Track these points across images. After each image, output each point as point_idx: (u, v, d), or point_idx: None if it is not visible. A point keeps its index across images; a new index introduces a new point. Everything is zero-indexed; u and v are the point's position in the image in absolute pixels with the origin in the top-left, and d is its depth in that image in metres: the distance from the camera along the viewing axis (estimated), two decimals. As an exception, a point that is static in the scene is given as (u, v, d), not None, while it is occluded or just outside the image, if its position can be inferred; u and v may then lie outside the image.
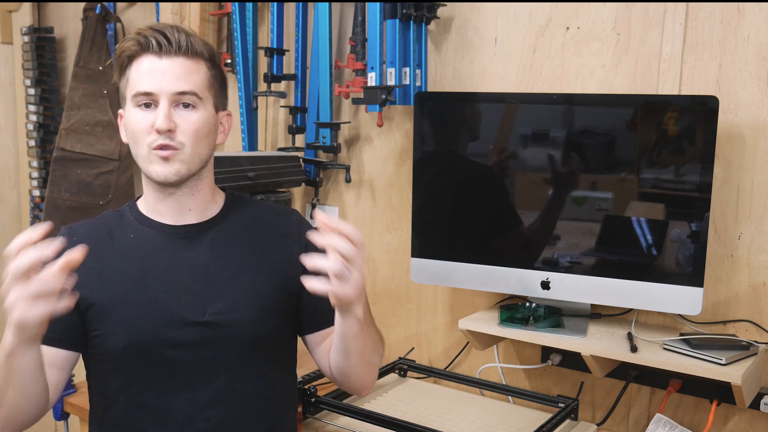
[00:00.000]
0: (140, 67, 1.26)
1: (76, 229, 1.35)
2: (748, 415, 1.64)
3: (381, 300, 2.20)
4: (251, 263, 1.34)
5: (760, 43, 1.57)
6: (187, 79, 1.25)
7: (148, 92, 1.24)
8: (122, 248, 1.32)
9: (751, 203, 1.61)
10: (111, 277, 1.29)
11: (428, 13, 1.93)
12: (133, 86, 1.26)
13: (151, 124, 1.24)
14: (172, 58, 1.25)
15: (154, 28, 1.26)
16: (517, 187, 1.76)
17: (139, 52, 1.26)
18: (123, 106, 1.31)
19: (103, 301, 1.28)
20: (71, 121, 2.56)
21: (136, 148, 1.28)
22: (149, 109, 1.25)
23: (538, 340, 1.67)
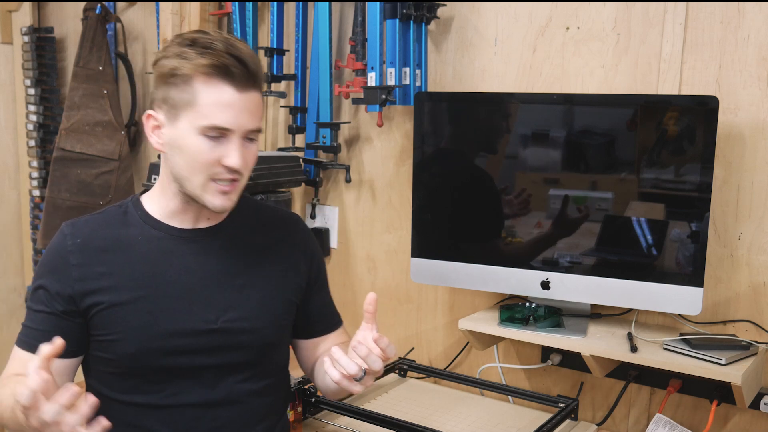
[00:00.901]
0: (214, 96, 1.17)
1: (79, 227, 1.30)
2: (748, 415, 1.64)
3: (381, 300, 2.19)
4: (261, 272, 1.35)
5: (760, 43, 1.56)
6: (258, 116, 1.23)
7: (227, 129, 1.19)
8: (130, 251, 1.28)
9: (751, 203, 1.61)
10: (120, 282, 1.26)
11: (428, 13, 1.93)
12: (206, 116, 1.17)
13: (218, 157, 1.20)
14: (249, 92, 1.20)
15: (233, 53, 1.17)
16: (517, 187, 1.76)
17: (212, 76, 1.17)
18: (168, 118, 1.22)
19: (113, 306, 1.25)
20: (71, 121, 2.56)
21: (191, 175, 1.22)
22: (216, 138, 1.19)
23: (538, 340, 1.67)
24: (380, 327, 1.38)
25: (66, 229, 1.30)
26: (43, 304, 1.26)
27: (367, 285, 2.22)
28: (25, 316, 1.30)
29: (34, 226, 2.91)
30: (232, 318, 1.30)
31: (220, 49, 1.17)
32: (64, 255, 1.27)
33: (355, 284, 2.24)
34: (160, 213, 1.31)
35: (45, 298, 1.26)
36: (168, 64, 1.19)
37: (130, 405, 1.28)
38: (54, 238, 1.31)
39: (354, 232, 2.24)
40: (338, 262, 2.28)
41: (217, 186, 1.22)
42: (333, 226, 2.27)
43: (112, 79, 2.59)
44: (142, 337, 1.25)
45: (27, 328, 1.28)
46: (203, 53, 1.17)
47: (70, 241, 1.27)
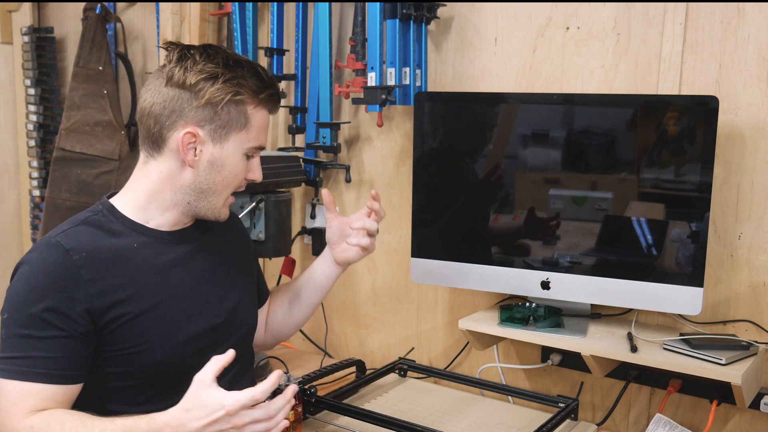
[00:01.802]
0: (262, 120, 1.31)
1: (77, 240, 1.22)
2: (748, 415, 1.64)
3: (381, 300, 2.20)
4: (233, 259, 1.44)
5: (760, 43, 1.57)
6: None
7: (263, 148, 1.34)
8: (133, 259, 1.26)
9: (751, 203, 1.61)
10: (136, 291, 1.23)
11: (428, 13, 1.93)
12: (255, 138, 1.30)
13: (246, 173, 1.32)
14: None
15: (272, 82, 1.31)
16: (517, 187, 1.76)
17: (267, 104, 1.31)
18: (213, 138, 1.26)
19: (136, 317, 1.23)
20: (71, 121, 2.56)
21: (224, 189, 1.31)
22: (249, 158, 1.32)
23: (538, 340, 1.67)
24: (380, 327, 1.42)
25: (63, 242, 1.21)
26: (55, 327, 1.17)
27: (367, 285, 2.22)
28: (18, 345, 1.17)
29: (34, 226, 2.91)
30: (229, 307, 1.38)
31: (266, 77, 1.29)
32: (73, 271, 1.19)
33: (355, 284, 2.24)
34: (141, 218, 1.31)
35: (58, 321, 1.17)
36: (221, 89, 1.23)
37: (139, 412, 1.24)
38: (47, 254, 1.20)
39: (354, 232, 2.23)
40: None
41: (230, 199, 1.35)
42: (333, 226, 2.27)
43: (112, 79, 2.59)
44: (168, 343, 1.26)
45: (35, 359, 1.16)
46: (258, 80, 1.28)
47: (76, 255, 1.20)
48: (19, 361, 1.16)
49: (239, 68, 1.26)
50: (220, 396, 1.11)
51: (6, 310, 1.19)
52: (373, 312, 2.22)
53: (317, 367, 1.96)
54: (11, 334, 1.17)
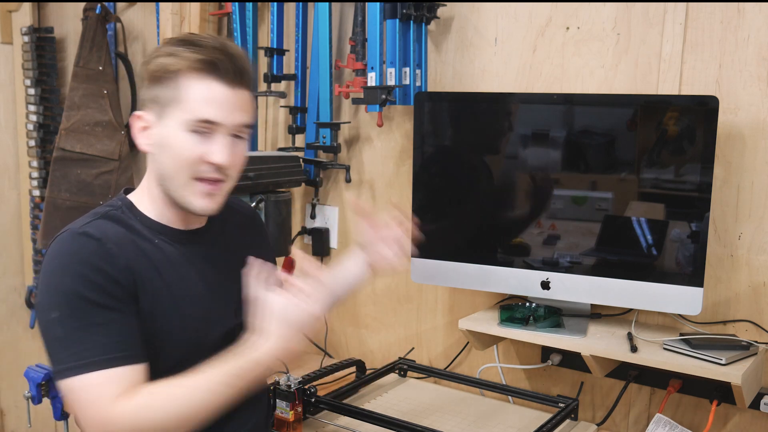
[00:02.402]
0: (203, 92, 1.17)
1: (107, 235, 1.19)
2: (748, 415, 1.64)
3: (381, 300, 2.20)
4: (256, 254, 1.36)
5: (760, 43, 1.56)
6: (249, 112, 1.22)
7: (215, 122, 1.17)
8: (155, 257, 1.23)
9: (751, 203, 1.61)
10: (159, 290, 1.21)
11: (428, 13, 1.93)
12: (194, 110, 1.16)
13: (202, 154, 1.18)
14: (238, 88, 1.19)
15: (222, 50, 1.17)
16: (517, 187, 1.76)
17: (201, 72, 1.17)
18: (155, 117, 1.20)
19: (156, 315, 1.20)
20: (71, 121, 2.56)
21: (174, 173, 1.20)
22: (202, 135, 1.18)
23: (538, 340, 1.67)
24: (380, 327, 1.41)
25: (92, 231, 1.18)
26: (111, 309, 1.13)
27: (367, 285, 2.22)
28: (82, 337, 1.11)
29: (34, 226, 2.91)
30: (245, 310, 1.31)
31: (209, 45, 1.17)
32: (108, 257, 1.15)
33: (355, 284, 2.24)
34: (156, 215, 1.28)
35: (111, 302, 1.14)
36: (157, 63, 1.19)
37: None
38: (78, 244, 1.16)
39: (354, 232, 2.24)
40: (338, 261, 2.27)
41: (201, 186, 1.20)
42: (333, 226, 2.27)
43: (112, 79, 2.59)
44: (185, 345, 1.23)
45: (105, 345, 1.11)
46: (193, 50, 1.17)
47: (109, 243, 1.17)
48: (89, 352, 1.11)
49: (186, 44, 1.18)
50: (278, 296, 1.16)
51: (54, 309, 1.13)
52: (373, 312, 2.22)
53: (317, 367, 1.96)
54: (70, 329, 1.12)
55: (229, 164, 1.21)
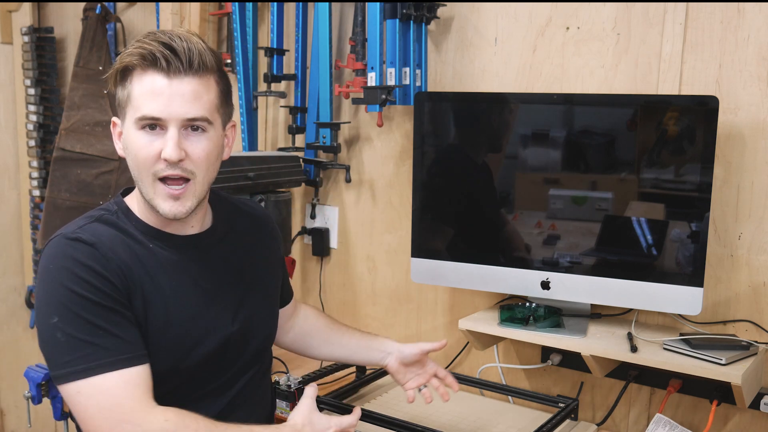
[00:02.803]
0: (145, 86, 1.13)
1: (100, 239, 1.17)
2: (748, 415, 1.64)
3: (381, 300, 2.20)
4: (255, 266, 1.37)
5: (760, 43, 1.56)
6: (198, 103, 1.15)
7: (156, 118, 1.13)
8: (148, 262, 1.21)
9: (751, 203, 1.61)
10: (151, 294, 1.19)
11: (428, 13, 1.93)
12: (138, 107, 1.14)
13: (158, 151, 1.14)
14: (182, 78, 1.13)
15: (161, 41, 1.13)
16: (517, 187, 1.76)
17: (144, 67, 1.14)
18: (121, 119, 1.19)
19: (148, 319, 1.18)
20: (71, 121, 2.56)
21: (139, 174, 1.17)
22: (155, 132, 1.14)
23: (538, 340, 1.67)
24: (380, 327, 1.42)
25: (84, 237, 1.16)
26: (112, 311, 1.13)
27: (367, 285, 2.22)
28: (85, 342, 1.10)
29: (34, 226, 2.91)
30: (245, 317, 1.31)
31: (150, 39, 1.14)
32: (103, 260, 1.15)
33: (355, 284, 2.24)
34: (150, 220, 1.25)
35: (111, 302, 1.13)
36: (113, 65, 1.18)
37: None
38: (72, 248, 1.15)
39: (354, 232, 2.24)
40: (338, 262, 2.28)
41: (164, 188, 1.16)
42: (333, 226, 2.27)
43: (109, 82, 2.59)
44: (175, 352, 1.21)
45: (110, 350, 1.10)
46: (136, 46, 1.14)
47: (102, 248, 1.16)
48: (97, 355, 1.10)
49: (135, 42, 1.16)
50: (327, 418, 1.28)
51: (53, 313, 1.12)
52: (373, 312, 2.22)
53: (317, 367, 1.96)
54: (73, 333, 1.10)
55: (185, 159, 1.15)
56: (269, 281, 1.41)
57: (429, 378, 1.53)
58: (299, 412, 1.27)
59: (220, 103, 1.21)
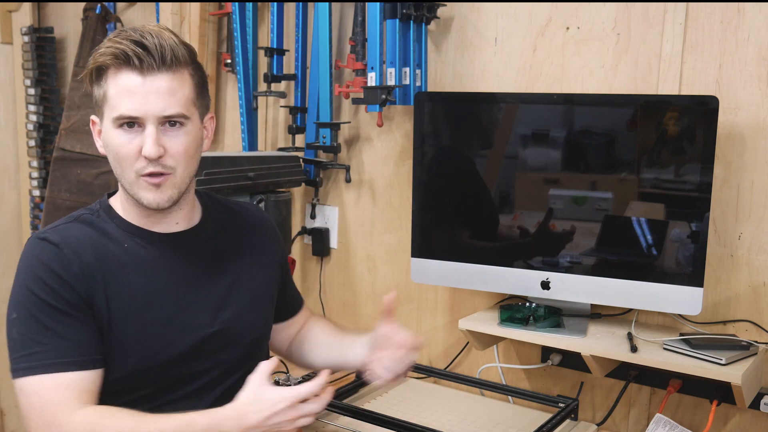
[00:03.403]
0: (120, 85, 1.15)
1: (67, 240, 1.19)
2: (748, 415, 1.64)
3: (381, 300, 2.19)
4: (245, 267, 1.34)
5: (760, 43, 1.56)
6: (173, 99, 1.16)
7: (133, 117, 1.14)
8: (120, 260, 1.21)
9: (751, 203, 1.61)
10: (117, 294, 1.19)
11: (428, 13, 1.93)
12: (114, 107, 1.15)
13: (138, 149, 1.15)
14: (155, 74, 1.14)
15: (132, 39, 1.14)
16: (517, 187, 1.76)
17: (118, 66, 1.15)
18: (99, 118, 1.21)
19: (113, 320, 1.18)
20: (71, 121, 2.56)
21: (121, 171, 1.19)
22: (132, 129, 1.16)
23: (538, 340, 1.67)
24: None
25: (51, 237, 1.19)
26: (64, 314, 1.15)
27: (367, 285, 2.22)
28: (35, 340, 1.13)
29: (34, 226, 2.91)
30: (226, 318, 1.29)
31: (122, 37, 1.15)
32: (65, 262, 1.17)
33: (355, 284, 2.24)
34: (133, 218, 1.26)
35: (65, 306, 1.15)
36: (89, 68, 1.20)
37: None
38: (38, 249, 1.18)
39: (354, 232, 2.24)
40: (338, 262, 2.28)
41: (147, 179, 1.17)
42: (333, 226, 2.27)
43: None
44: (144, 351, 1.20)
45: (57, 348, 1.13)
46: (107, 45, 1.16)
47: (66, 249, 1.18)
48: (41, 355, 1.13)
49: (107, 40, 1.18)
50: (279, 390, 1.17)
51: (13, 310, 1.17)
52: (373, 312, 2.22)
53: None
54: (26, 330, 1.14)
55: (164, 155, 1.16)
56: (261, 285, 1.37)
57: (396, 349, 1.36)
58: (246, 390, 1.18)
59: (196, 96, 1.21)
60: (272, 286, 1.43)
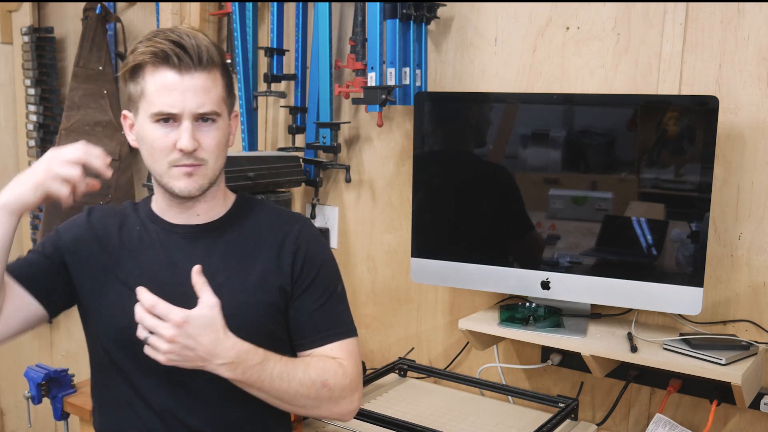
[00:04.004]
0: (157, 82, 1.22)
1: (96, 210, 1.38)
2: (748, 415, 1.64)
3: (381, 300, 2.20)
4: (241, 273, 1.30)
5: (760, 43, 1.56)
6: (207, 97, 1.23)
7: (171, 113, 1.22)
8: (125, 240, 1.33)
9: (751, 203, 1.61)
10: (108, 264, 1.30)
11: (428, 13, 1.93)
12: (152, 103, 1.22)
13: (173, 142, 1.22)
14: (192, 73, 1.22)
15: (170, 39, 1.22)
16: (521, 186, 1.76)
17: (156, 64, 1.22)
18: (134, 113, 1.28)
19: (96, 284, 1.30)
20: (71, 121, 2.56)
21: (154, 163, 1.26)
22: (168, 124, 1.23)
23: (538, 340, 1.67)
24: (380, 327, 1.40)
25: (86, 208, 1.39)
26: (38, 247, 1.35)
27: (367, 285, 2.22)
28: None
29: (34, 226, 2.91)
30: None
31: (161, 37, 1.22)
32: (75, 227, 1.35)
33: (355, 284, 2.24)
34: (157, 207, 1.36)
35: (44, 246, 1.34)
36: (127, 61, 1.26)
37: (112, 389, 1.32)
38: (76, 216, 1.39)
39: (354, 232, 2.24)
40: (338, 262, 2.25)
41: (179, 169, 1.24)
42: (333, 226, 2.27)
43: (112, 79, 2.59)
44: (118, 318, 1.24)
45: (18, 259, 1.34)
46: (148, 44, 1.23)
47: (85, 216, 1.36)
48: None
49: (146, 39, 1.24)
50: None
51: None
52: (373, 312, 2.22)
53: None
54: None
55: (198, 148, 1.23)
56: (260, 286, 1.30)
57: None
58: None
59: (226, 94, 1.29)
60: (272, 297, 1.31)
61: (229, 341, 1.16)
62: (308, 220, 1.41)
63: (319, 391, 1.25)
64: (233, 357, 1.16)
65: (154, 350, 1.14)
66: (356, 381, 1.30)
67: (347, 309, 1.38)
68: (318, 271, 1.34)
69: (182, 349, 1.13)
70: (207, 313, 1.14)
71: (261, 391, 1.21)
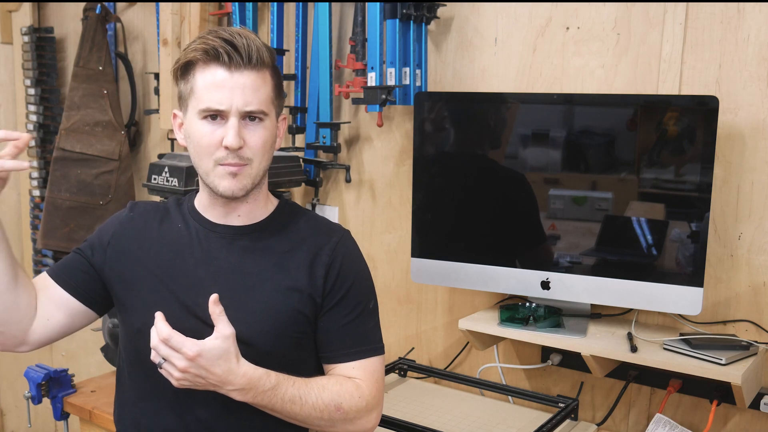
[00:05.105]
0: (207, 79, 1.22)
1: (138, 205, 1.40)
2: (748, 415, 1.64)
3: (381, 300, 2.18)
4: (273, 278, 1.29)
5: (760, 43, 1.57)
6: (256, 96, 1.23)
7: (218, 110, 1.22)
8: (164, 235, 1.34)
9: (751, 203, 1.61)
10: (144, 258, 1.31)
11: (428, 13, 1.93)
12: (201, 100, 1.22)
13: (219, 139, 1.22)
14: (242, 71, 1.22)
15: (222, 37, 1.22)
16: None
17: (207, 61, 1.22)
18: (183, 111, 1.29)
19: (132, 278, 1.31)
20: (71, 121, 2.56)
21: (200, 161, 1.26)
22: (215, 122, 1.23)
23: (538, 340, 1.67)
24: (380, 327, 1.38)
25: (130, 203, 1.41)
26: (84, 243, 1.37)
27: (367, 285, 2.22)
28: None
29: (34, 226, 2.91)
30: (231, 317, 1.22)
31: (212, 35, 1.23)
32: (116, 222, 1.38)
33: (355, 284, 2.24)
34: (200, 205, 1.36)
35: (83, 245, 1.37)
36: (179, 62, 1.27)
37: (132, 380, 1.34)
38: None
39: (354, 232, 2.22)
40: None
41: (224, 168, 1.24)
42: (333, 226, 2.27)
43: (112, 79, 2.59)
44: (148, 313, 1.21)
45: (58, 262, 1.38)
46: (199, 41, 1.23)
47: (126, 212, 1.39)
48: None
49: (199, 38, 1.25)
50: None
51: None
52: (373, 312, 2.22)
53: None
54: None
55: (244, 146, 1.23)
56: (291, 293, 1.29)
57: None
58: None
59: (275, 96, 1.29)
60: (300, 306, 1.29)
61: (241, 369, 1.17)
62: (347, 233, 1.39)
63: (333, 414, 1.26)
64: (244, 384, 1.18)
65: (167, 373, 1.17)
66: (374, 402, 1.32)
67: (377, 325, 1.38)
68: (350, 287, 1.32)
69: (194, 377, 1.16)
70: (220, 345, 1.15)
71: (273, 412, 1.24)
